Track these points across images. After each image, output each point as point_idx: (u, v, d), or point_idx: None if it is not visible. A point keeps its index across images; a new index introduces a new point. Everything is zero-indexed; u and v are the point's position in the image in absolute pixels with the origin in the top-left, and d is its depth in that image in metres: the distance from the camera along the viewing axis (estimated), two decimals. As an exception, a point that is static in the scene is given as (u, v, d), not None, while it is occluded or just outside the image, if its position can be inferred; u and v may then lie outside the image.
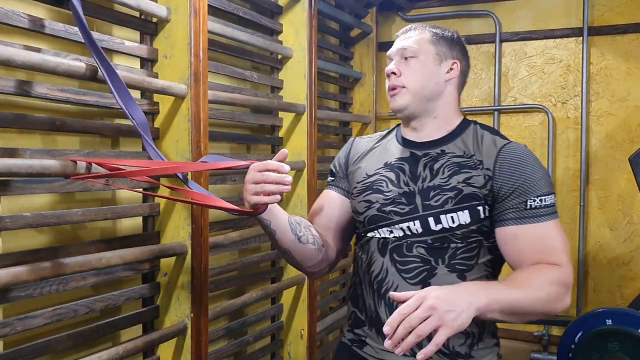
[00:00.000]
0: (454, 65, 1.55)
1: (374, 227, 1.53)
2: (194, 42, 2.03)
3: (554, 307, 1.38)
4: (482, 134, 1.53)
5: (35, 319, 1.65)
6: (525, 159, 1.46)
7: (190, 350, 2.08)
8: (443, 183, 1.47)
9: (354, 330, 1.59)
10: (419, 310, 1.19)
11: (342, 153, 1.70)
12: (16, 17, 1.59)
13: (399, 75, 1.53)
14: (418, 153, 1.53)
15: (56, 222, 1.71)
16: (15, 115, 1.63)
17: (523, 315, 1.38)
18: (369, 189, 1.55)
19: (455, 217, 1.44)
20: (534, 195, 1.42)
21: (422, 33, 1.55)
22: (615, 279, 3.71)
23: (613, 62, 3.69)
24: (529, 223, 1.42)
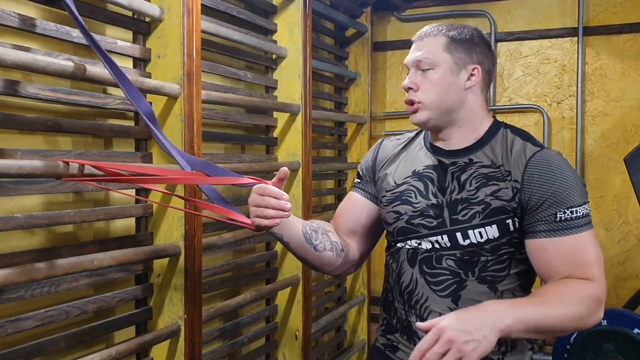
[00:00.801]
0: (474, 71, 1.48)
1: (403, 238, 1.52)
2: (187, 42, 2.02)
3: (585, 323, 1.35)
4: (512, 139, 1.48)
5: (26, 321, 1.64)
6: (555, 168, 1.40)
7: (184, 351, 2.07)
8: (471, 196, 1.43)
9: (386, 335, 1.59)
10: (437, 346, 1.18)
11: (369, 156, 1.68)
12: (6, 17, 1.57)
13: (416, 90, 1.47)
14: (446, 162, 1.50)
15: (48, 223, 1.69)
16: (5, 116, 1.61)
17: (552, 333, 1.35)
18: (398, 199, 1.53)
19: (484, 232, 1.41)
20: (564, 207, 1.38)
21: (438, 39, 1.47)
22: (610, 279, 3.71)
23: (608, 62, 3.69)
24: (558, 236, 1.38)
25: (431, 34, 1.49)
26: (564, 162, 1.43)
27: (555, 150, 1.47)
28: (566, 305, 1.31)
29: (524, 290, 1.49)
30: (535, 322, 1.27)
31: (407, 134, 1.66)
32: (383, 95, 4.17)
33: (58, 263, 1.64)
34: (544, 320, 1.29)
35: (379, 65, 4.16)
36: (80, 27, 1.57)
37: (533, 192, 1.39)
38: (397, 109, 4.13)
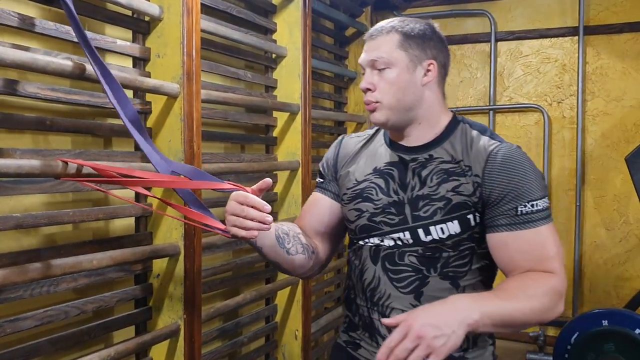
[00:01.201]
0: (430, 67, 1.46)
1: (365, 235, 1.51)
2: (186, 41, 2.01)
3: (548, 316, 1.35)
4: (471, 134, 1.47)
5: (25, 321, 1.63)
6: (515, 162, 1.40)
7: (184, 351, 2.06)
8: (432, 192, 1.43)
9: (348, 332, 1.58)
10: (406, 342, 1.17)
11: (330, 154, 1.65)
12: (6, 16, 1.57)
13: (373, 90, 1.45)
14: (406, 158, 1.49)
15: (47, 222, 1.68)
16: (4, 115, 1.61)
17: (517, 327, 1.35)
18: (359, 197, 1.52)
19: (445, 228, 1.41)
20: (524, 201, 1.38)
21: (391, 37, 1.44)
22: (611, 279, 3.71)
23: (608, 62, 3.69)
24: (519, 229, 1.38)
25: (383, 32, 1.46)
26: (524, 156, 1.43)
27: (515, 145, 1.46)
28: (530, 298, 1.31)
29: (486, 285, 1.49)
30: (502, 316, 1.27)
31: (368, 131, 1.64)
32: (383, 95, 4.16)
33: (57, 263, 1.63)
34: (511, 314, 1.29)
35: (379, 64, 4.15)
36: (75, 26, 1.56)
37: (494, 186, 1.39)
38: (397, 108, 4.13)
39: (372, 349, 1.49)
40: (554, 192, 3.81)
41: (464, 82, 4.05)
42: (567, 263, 3.77)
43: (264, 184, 1.33)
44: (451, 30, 4.07)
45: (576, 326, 2.90)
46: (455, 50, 4.06)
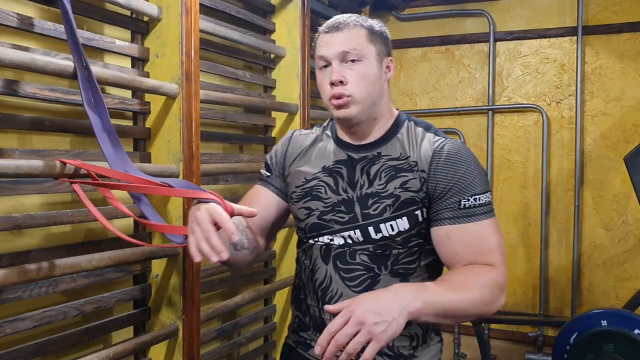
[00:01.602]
0: (390, 63, 1.48)
1: (315, 234, 1.51)
2: (185, 41, 2.01)
3: (488, 309, 1.36)
4: (417, 131, 1.49)
5: (24, 321, 1.63)
6: (459, 158, 1.42)
7: (182, 352, 2.06)
8: (381, 190, 1.44)
9: (299, 333, 1.57)
10: (347, 327, 1.16)
11: (280, 149, 1.62)
12: (5, 16, 1.57)
13: (345, 83, 1.41)
14: (355, 156, 1.49)
15: (46, 223, 1.68)
16: (3, 115, 1.61)
17: (458, 318, 1.35)
18: (308, 195, 1.52)
19: (395, 225, 1.43)
20: (467, 195, 1.40)
21: (358, 31, 1.43)
22: (610, 280, 3.71)
23: (607, 62, 3.69)
24: (462, 222, 1.40)
25: (350, 25, 1.43)
26: (468, 152, 1.45)
27: (459, 142, 1.49)
28: (471, 290, 1.32)
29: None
30: (444, 306, 1.28)
31: (316, 128, 1.63)
32: (382, 95, 4.17)
33: (56, 263, 1.63)
34: (453, 304, 1.29)
35: (378, 64, 4.15)
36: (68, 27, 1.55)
37: (439, 180, 1.41)
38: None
39: None
40: (552, 192, 3.82)
41: (462, 82, 4.05)
42: (566, 263, 3.78)
43: (247, 213, 1.27)
44: (450, 30, 4.07)
45: (575, 326, 2.90)
46: (454, 50, 4.07)
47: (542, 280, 3.80)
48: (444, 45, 4.09)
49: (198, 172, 2.09)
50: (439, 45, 4.10)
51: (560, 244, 3.81)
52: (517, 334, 3.89)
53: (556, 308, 3.83)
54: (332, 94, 1.42)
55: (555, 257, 3.82)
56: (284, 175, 1.59)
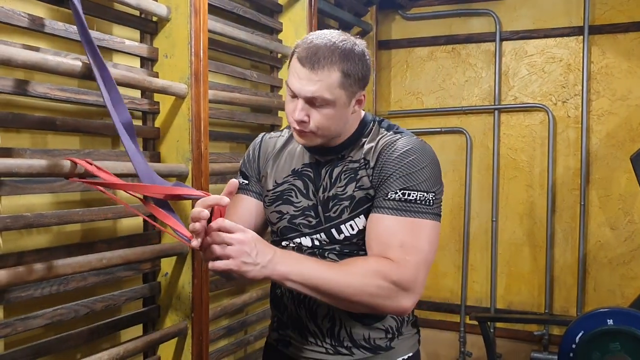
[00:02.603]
0: (361, 97, 1.45)
1: (287, 237, 1.54)
2: (194, 42, 2.02)
3: (378, 302, 1.34)
4: (379, 132, 1.49)
5: (36, 319, 1.65)
6: (405, 152, 1.41)
7: (191, 350, 2.08)
8: (340, 192, 1.47)
9: (278, 331, 1.61)
10: (229, 236, 1.21)
11: (252, 154, 1.63)
12: (16, 17, 1.58)
13: (308, 122, 1.40)
14: (321, 159, 1.52)
15: (57, 222, 1.70)
16: (15, 115, 1.62)
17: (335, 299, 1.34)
18: (279, 199, 1.55)
19: (354, 224, 1.46)
20: (397, 188, 1.39)
21: (332, 75, 1.36)
22: (616, 279, 3.71)
23: (614, 61, 3.68)
24: (381, 213, 1.40)
25: (325, 66, 1.35)
26: (420, 148, 1.43)
27: (419, 140, 1.46)
28: (349, 275, 1.33)
29: None
30: (315, 281, 1.30)
31: (286, 130, 1.63)
32: (388, 94, 4.17)
33: (67, 262, 1.65)
34: (323, 282, 1.31)
35: (384, 63, 4.16)
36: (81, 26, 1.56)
37: (377, 172, 1.42)
38: (402, 107, 4.14)
39: (302, 346, 1.54)
40: (558, 191, 3.82)
41: (468, 81, 4.05)
42: (572, 262, 3.78)
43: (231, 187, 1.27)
44: (456, 30, 4.07)
45: (581, 325, 2.90)
46: (460, 49, 4.07)
47: (548, 279, 3.80)
48: (450, 44, 4.09)
49: (207, 171, 2.10)
50: (445, 45, 4.10)
51: (565, 243, 3.81)
52: (523, 332, 3.89)
53: (562, 307, 3.83)
54: (294, 127, 1.43)
55: (560, 256, 3.82)
56: (260, 179, 1.61)
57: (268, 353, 1.67)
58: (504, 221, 3.95)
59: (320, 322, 1.50)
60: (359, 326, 1.49)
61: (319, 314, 1.50)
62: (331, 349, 1.51)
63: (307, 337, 1.53)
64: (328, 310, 1.49)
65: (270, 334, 1.67)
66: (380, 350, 1.51)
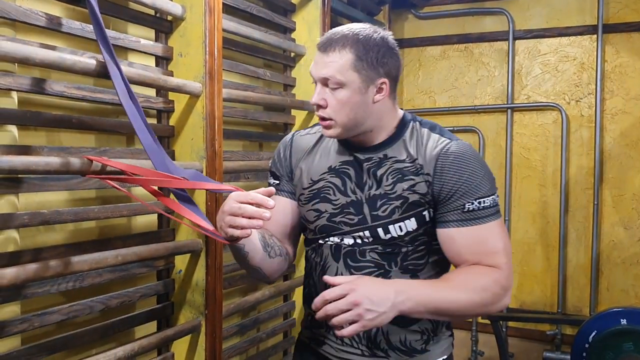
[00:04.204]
0: (382, 85, 1.43)
1: (325, 235, 1.53)
2: (208, 40, 2.04)
3: (490, 309, 1.40)
4: (423, 133, 1.48)
5: (52, 315, 1.67)
6: (464, 161, 1.42)
7: (205, 347, 2.09)
8: (389, 191, 1.45)
9: (312, 329, 1.60)
10: (341, 302, 1.24)
11: (282, 153, 1.62)
12: (34, 16, 1.60)
13: (325, 107, 1.42)
14: (361, 157, 1.49)
15: (73, 219, 1.72)
16: (32, 113, 1.64)
17: (454, 317, 1.40)
18: (317, 197, 1.52)
19: (403, 226, 1.45)
20: (472, 198, 1.41)
21: (344, 56, 1.38)
22: (630, 278, 3.69)
23: (628, 60, 3.67)
24: (466, 225, 1.42)
25: (337, 48, 1.39)
26: (474, 154, 1.46)
27: (466, 143, 1.48)
28: (469, 291, 1.36)
29: None
30: (436, 306, 1.33)
31: (317, 127, 1.60)
32: (400, 93, 4.17)
33: (83, 258, 1.66)
34: (446, 305, 1.34)
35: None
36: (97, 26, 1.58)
37: (444, 184, 1.42)
38: (415, 106, 4.14)
39: (336, 346, 1.53)
40: (571, 190, 3.80)
41: (481, 80, 4.04)
42: (585, 262, 3.76)
43: (267, 192, 1.31)
44: (469, 29, 4.06)
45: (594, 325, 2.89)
46: (473, 48, 4.06)
47: (561, 278, 3.79)
48: (462, 43, 4.08)
49: (221, 169, 2.11)
50: (458, 44, 4.09)
51: (579, 243, 3.80)
52: (535, 332, 3.88)
53: (575, 306, 3.82)
54: (316, 113, 1.46)
55: (573, 256, 3.80)
56: (292, 178, 1.60)
57: (300, 350, 1.65)
58: (517, 220, 3.94)
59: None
60: (395, 328, 1.47)
61: None
62: (367, 352, 1.49)
63: (342, 338, 1.50)
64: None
65: (302, 331, 1.65)
66: (416, 352, 1.50)
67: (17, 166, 1.43)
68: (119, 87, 1.58)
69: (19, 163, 1.44)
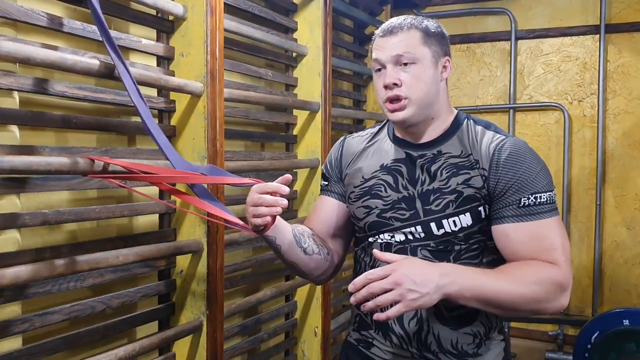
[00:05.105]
0: (447, 63, 1.49)
1: (375, 232, 1.51)
2: (210, 40, 2.03)
3: (544, 306, 1.36)
4: (477, 130, 1.49)
5: (53, 315, 1.67)
6: (520, 156, 1.42)
7: (206, 347, 2.09)
8: (442, 186, 1.44)
9: (360, 331, 1.58)
10: (384, 282, 1.22)
11: (333, 155, 1.65)
12: (35, 16, 1.60)
13: (400, 86, 1.43)
14: (414, 154, 1.50)
15: (74, 219, 1.72)
16: (34, 113, 1.64)
17: (504, 309, 1.35)
18: (367, 194, 1.53)
19: (457, 221, 1.43)
20: (528, 193, 1.40)
21: (412, 33, 1.44)
22: (632, 279, 3.68)
23: (630, 60, 3.66)
24: (522, 221, 1.40)
25: (404, 28, 1.45)
26: (528, 149, 1.46)
27: (520, 139, 1.49)
28: (521, 284, 1.33)
29: None
30: (485, 294, 1.30)
31: (369, 130, 1.64)
32: (402, 93, 4.17)
33: (84, 258, 1.66)
34: (495, 294, 1.31)
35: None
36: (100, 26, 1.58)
37: (500, 178, 1.42)
38: (417, 106, 4.13)
39: (385, 348, 1.51)
40: (574, 191, 3.80)
41: (483, 80, 4.04)
42: (587, 262, 3.76)
43: (284, 179, 1.35)
44: (471, 29, 4.06)
45: (597, 325, 2.89)
46: (475, 48, 4.06)
47: (563, 279, 3.78)
48: (465, 43, 4.08)
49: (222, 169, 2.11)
50: (460, 44, 4.09)
51: (581, 243, 3.80)
52: (538, 332, 3.88)
53: (577, 307, 3.81)
54: (387, 96, 1.45)
55: (576, 256, 3.80)
56: (342, 179, 1.61)
57: (348, 351, 1.63)
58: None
59: (407, 325, 1.45)
60: (447, 330, 1.44)
61: (405, 316, 1.46)
62: (417, 354, 1.46)
63: (392, 340, 1.48)
64: (415, 312, 1.44)
65: (350, 333, 1.64)
66: (467, 356, 1.46)
67: (18, 166, 1.43)
68: (129, 87, 1.59)
69: (20, 163, 1.44)
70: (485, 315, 1.46)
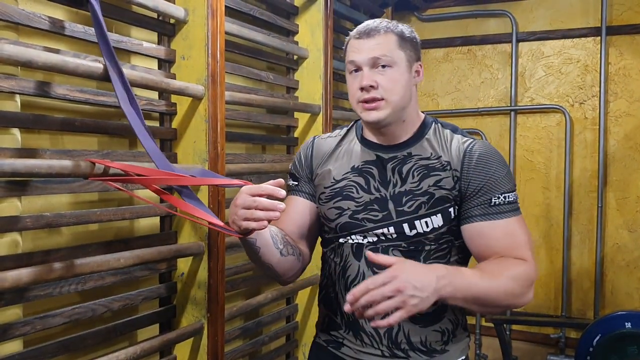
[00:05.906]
0: (419, 68, 1.52)
1: (347, 233, 1.53)
2: (211, 43, 2.04)
3: (516, 301, 1.42)
4: (445, 133, 1.54)
5: (54, 318, 1.67)
6: (490, 157, 1.48)
7: (207, 350, 2.09)
8: (414, 188, 1.48)
9: (329, 332, 1.59)
10: (385, 289, 1.21)
11: (303, 155, 1.65)
12: (37, 19, 1.60)
13: (376, 88, 1.45)
14: (384, 156, 1.52)
15: (75, 222, 1.72)
16: (35, 116, 1.64)
17: (486, 306, 1.40)
18: (339, 195, 1.54)
19: (429, 222, 1.47)
20: (498, 193, 1.46)
21: (389, 37, 1.47)
22: (634, 282, 3.68)
23: (632, 62, 3.66)
24: (493, 219, 1.46)
25: (380, 31, 1.47)
26: (496, 152, 1.51)
27: (487, 141, 1.57)
28: (503, 280, 1.37)
29: None
30: (474, 294, 1.33)
31: (338, 131, 1.66)
32: (403, 96, 4.16)
33: (85, 261, 1.66)
34: (483, 293, 1.34)
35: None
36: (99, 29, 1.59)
37: (471, 179, 1.47)
38: (418, 109, 4.13)
39: (356, 347, 1.53)
40: (575, 193, 3.79)
41: (484, 82, 4.04)
42: (589, 265, 3.75)
43: (277, 183, 1.33)
44: (472, 31, 4.06)
45: (598, 328, 2.89)
46: (476, 50, 4.06)
47: (565, 281, 3.77)
48: (466, 45, 4.08)
49: (223, 172, 2.11)
50: (461, 46, 4.09)
51: (582, 246, 3.79)
52: (539, 335, 3.87)
53: (578, 310, 3.80)
54: (363, 98, 1.47)
55: (577, 259, 3.79)
56: (313, 180, 1.62)
57: (318, 353, 1.64)
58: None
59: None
60: (416, 328, 1.49)
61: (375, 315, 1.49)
62: (387, 352, 1.49)
63: (362, 339, 1.51)
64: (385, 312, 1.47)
65: (318, 334, 1.65)
66: (436, 353, 1.51)
67: (20, 169, 1.43)
68: (119, 92, 1.59)
69: (21, 166, 1.44)
70: (453, 312, 1.52)
